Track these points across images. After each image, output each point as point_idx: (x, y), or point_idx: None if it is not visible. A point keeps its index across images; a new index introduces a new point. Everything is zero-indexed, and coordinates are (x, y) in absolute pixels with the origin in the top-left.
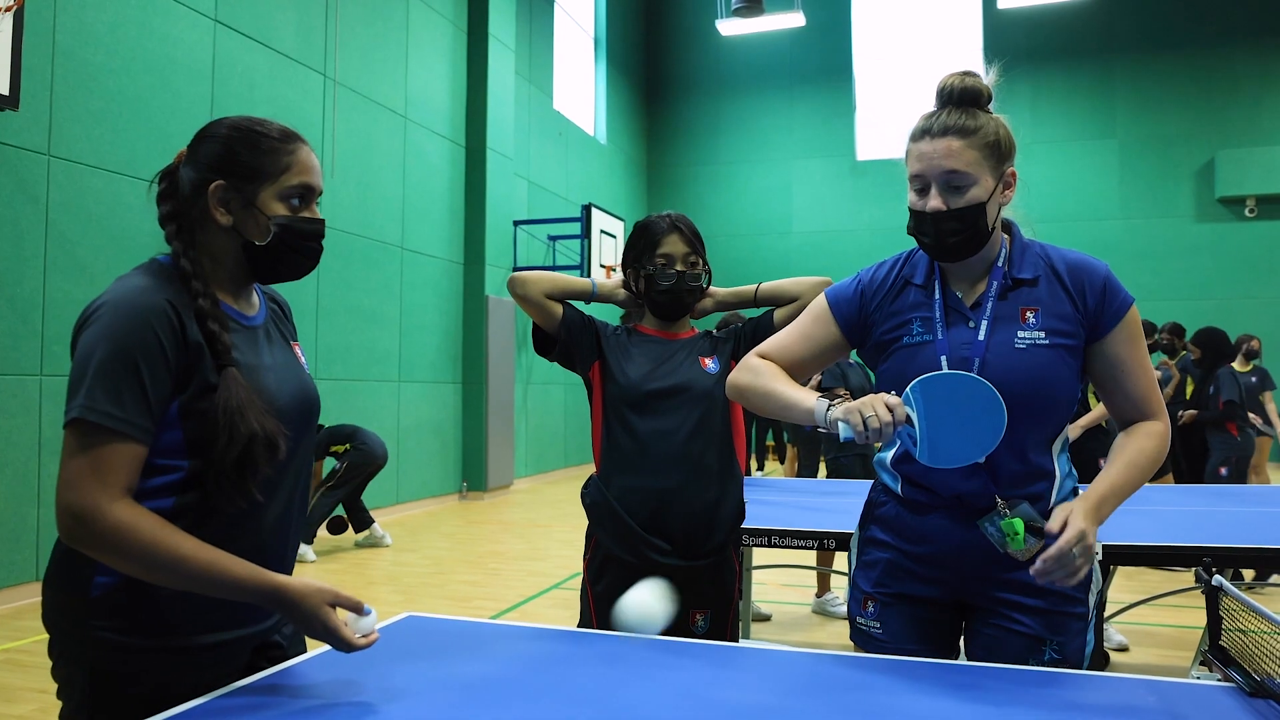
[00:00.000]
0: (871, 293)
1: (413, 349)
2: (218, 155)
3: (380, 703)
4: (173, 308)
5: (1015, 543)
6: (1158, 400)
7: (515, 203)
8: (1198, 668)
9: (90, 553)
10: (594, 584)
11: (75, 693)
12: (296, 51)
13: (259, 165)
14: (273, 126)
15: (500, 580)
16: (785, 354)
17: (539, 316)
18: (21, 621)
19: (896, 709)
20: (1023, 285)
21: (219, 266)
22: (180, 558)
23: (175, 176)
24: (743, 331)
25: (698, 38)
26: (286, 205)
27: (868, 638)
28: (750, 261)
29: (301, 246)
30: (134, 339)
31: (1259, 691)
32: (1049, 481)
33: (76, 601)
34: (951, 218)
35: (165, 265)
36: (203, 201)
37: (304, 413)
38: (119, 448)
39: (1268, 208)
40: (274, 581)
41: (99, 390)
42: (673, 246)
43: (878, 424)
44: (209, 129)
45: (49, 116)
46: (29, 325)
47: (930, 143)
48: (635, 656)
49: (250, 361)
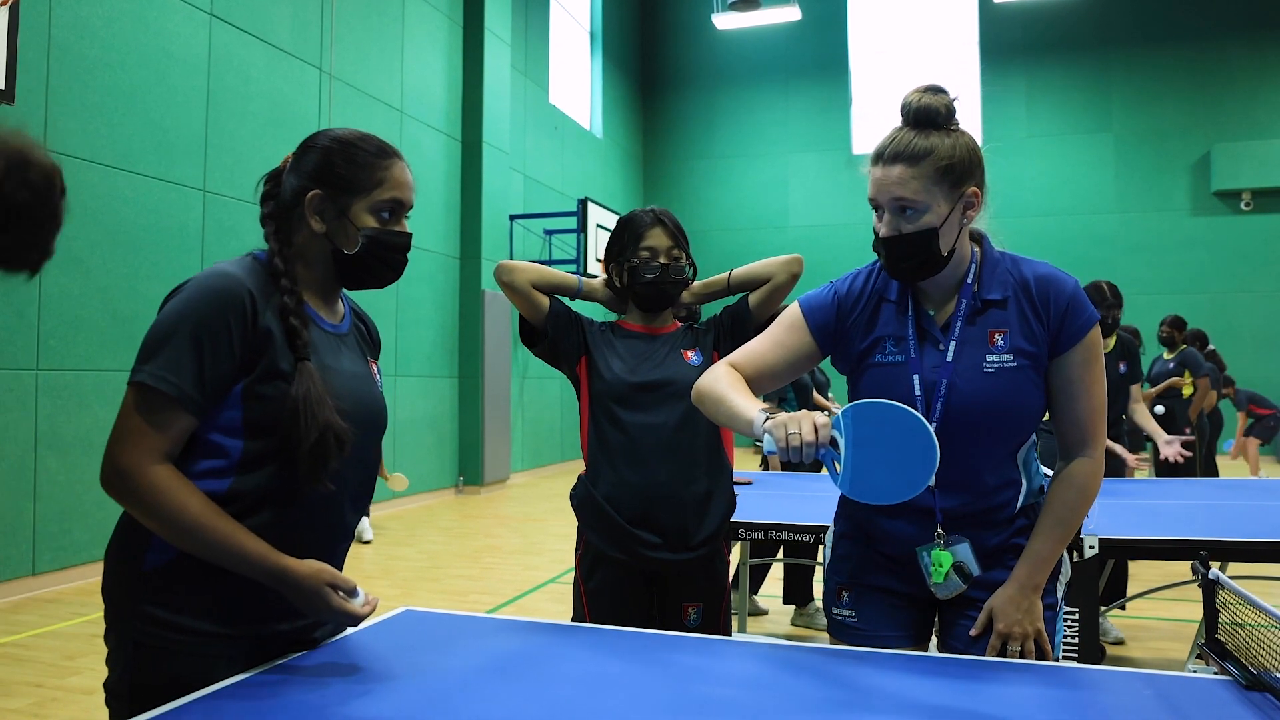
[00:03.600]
0: (849, 305)
1: (409, 343)
2: (317, 165)
3: (376, 696)
4: (250, 296)
5: (937, 575)
6: (1101, 428)
7: (511, 197)
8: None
9: (122, 503)
10: (586, 580)
11: (119, 663)
12: (292, 45)
13: (354, 178)
14: (371, 142)
15: (496, 574)
16: (757, 362)
17: (525, 306)
18: (19, 616)
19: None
20: (991, 307)
21: (309, 270)
22: (201, 525)
23: (280, 180)
24: (721, 321)
25: (694, 32)
26: (377, 218)
27: (844, 628)
28: (746, 256)
29: (387, 258)
30: (203, 317)
31: (1255, 685)
32: (1015, 489)
33: (129, 574)
34: (902, 243)
35: (259, 259)
36: (300, 208)
37: (370, 422)
38: (170, 414)
39: (1263, 201)
40: (281, 562)
41: (161, 358)
42: (656, 240)
43: (798, 442)
44: (313, 139)
45: (44, 110)
46: (25, 319)
47: (881, 169)
48: (628, 650)
49: (326, 363)
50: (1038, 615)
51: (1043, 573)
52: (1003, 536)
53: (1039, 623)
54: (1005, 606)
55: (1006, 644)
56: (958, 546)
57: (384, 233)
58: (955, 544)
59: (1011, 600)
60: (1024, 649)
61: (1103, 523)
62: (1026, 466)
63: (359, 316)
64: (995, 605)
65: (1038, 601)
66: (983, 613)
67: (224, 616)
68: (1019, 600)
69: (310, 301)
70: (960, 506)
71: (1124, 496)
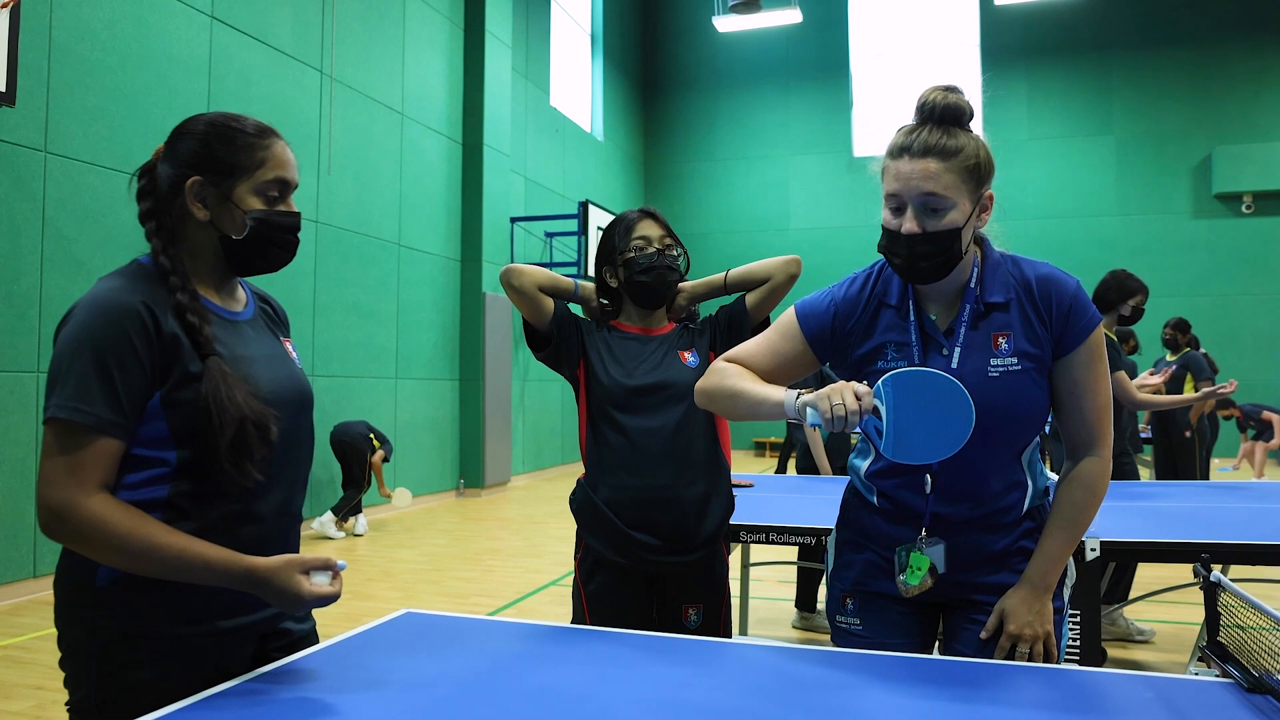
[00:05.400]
0: (846, 312)
1: (410, 346)
2: (194, 151)
3: (377, 698)
4: (145, 306)
5: (912, 577)
6: (1108, 426)
7: (512, 199)
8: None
9: (68, 545)
10: (586, 583)
11: (83, 684)
12: (293, 48)
13: (235, 160)
14: (248, 122)
15: (497, 577)
16: (750, 365)
17: (530, 310)
18: (19, 618)
19: (893, 706)
20: (995, 310)
21: (199, 261)
22: (154, 545)
23: (154, 174)
24: (717, 321)
25: (695, 34)
26: (263, 199)
27: (848, 635)
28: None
29: (278, 239)
30: (103, 339)
31: (1257, 687)
32: (1021, 491)
33: (84, 594)
34: (926, 241)
35: (145, 265)
36: (181, 197)
37: (295, 401)
38: (92, 443)
39: (1264, 203)
40: (245, 563)
41: (70, 389)
42: (648, 229)
43: (843, 411)
44: (186, 125)
45: (45, 113)
46: (26, 322)
47: (910, 162)
48: (628, 652)
49: (236, 353)
50: (1048, 617)
51: (1054, 574)
52: (1009, 540)
53: (1049, 625)
54: (1018, 608)
55: (1015, 646)
56: (934, 549)
57: (272, 213)
58: (933, 545)
59: (1024, 601)
60: (1032, 651)
61: (1104, 525)
62: (1031, 468)
63: (262, 298)
64: (1008, 607)
65: (1049, 603)
66: (994, 614)
67: (184, 617)
68: (1031, 601)
69: (207, 294)
70: (966, 511)
71: (1126, 499)
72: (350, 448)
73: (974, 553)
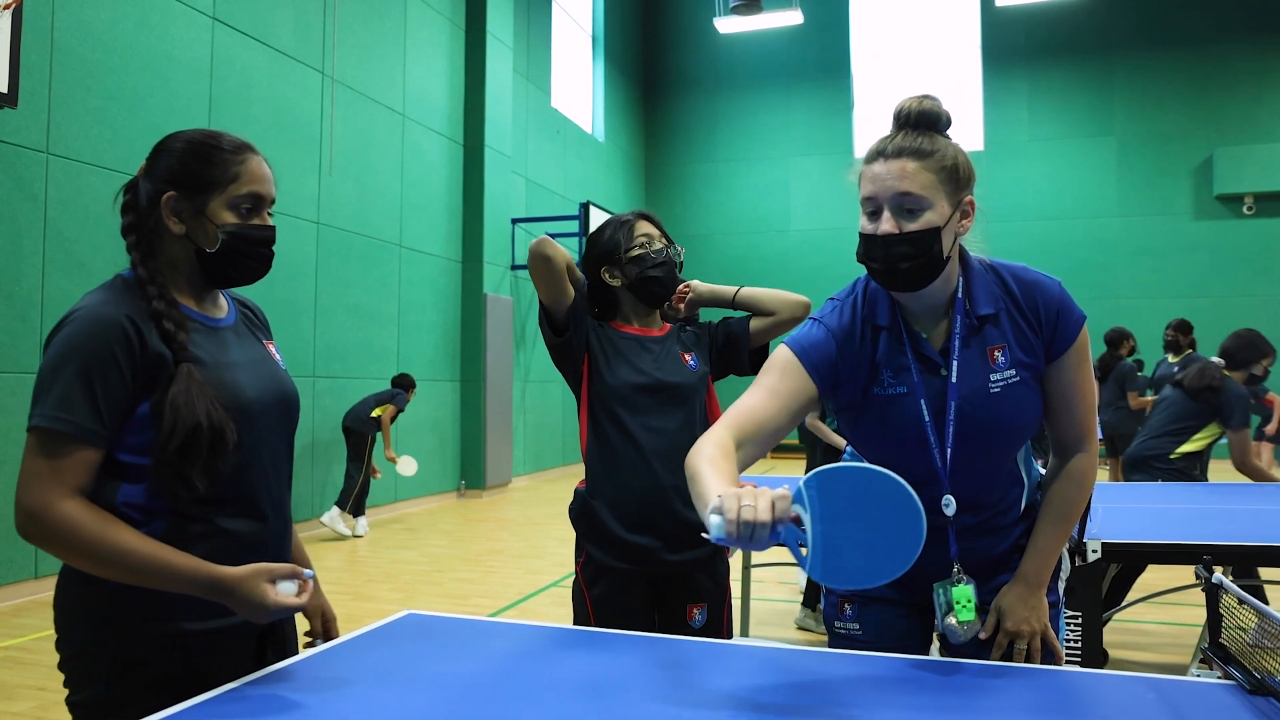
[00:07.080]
0: (844, 339)
1: (411, 347)
2: (170, 168)
3: (378, 699)
4: (130, 320)
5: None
6: (1094, 423)
7: (513, 201)
8: (1197, 665)
9: (41, 547)
10: (590, 586)
11: (94, 684)
12: (294, 49)
13: (209, 176)
14: (225, 139)
15: (498, 578)
16: (755, 414)
17: (554, 289)
18: (21, 619)
19: (894, 707)
20: (986, 323)
21: (178, 273)
22: (123, 551)
23: (137, 189)
24: (715, 334)
25: (696, 35)
26: (236, 213)
27: (848, 640)
28: (748, 259)
29: (250, 251)
30: (86, 352)
31: (1259, 689)
32: (1020, 488)
33: (94, 594)
34: (904, 241)
35: (128, 278)
36: (158, 212)
37: (279, 405)
38: (72, 451)
39: (1265, 205)
40: (211, 572)
41: (54, 399)
42: (647, 229)
43: (751, 516)
44: (165, 143)
45: (47, 114)
46: (28, 323)
47: (884, 164)
48: (631, 653)
49: (215, 359)
50: (1044, 613)
51: (1048, 569)
52: (1009, 542)
53: (1045, 620)
54: (1015, 605)
55: (1013, 644)
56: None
57: (244, 227)
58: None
59: (1020, 598)
60: (1030, 647)
61: (1106, 527)
62: (1026, 463)
63: (243, 304)
64: (1004, 604)
65: (1044, 599)
66: (991, 613)
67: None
68: (1026, 598)
69: (187, 303)
70: (970, 519)
71: (1127, 500)
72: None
73: (979, 558)
